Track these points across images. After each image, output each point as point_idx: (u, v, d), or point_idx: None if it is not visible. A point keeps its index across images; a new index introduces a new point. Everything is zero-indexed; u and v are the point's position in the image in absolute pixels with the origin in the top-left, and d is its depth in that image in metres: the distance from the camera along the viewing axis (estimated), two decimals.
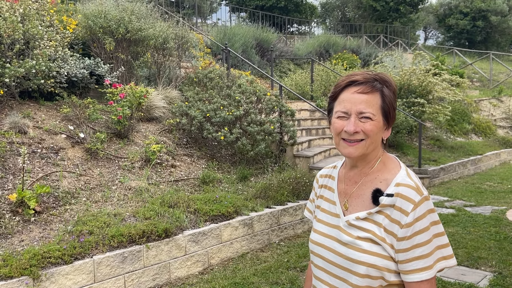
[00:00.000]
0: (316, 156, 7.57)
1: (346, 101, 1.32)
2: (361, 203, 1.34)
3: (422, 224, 1.24)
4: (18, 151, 4.76)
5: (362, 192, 1.35)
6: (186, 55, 9.01)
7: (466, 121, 13.16)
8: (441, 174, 9.22)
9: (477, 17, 28.54)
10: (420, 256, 1.24)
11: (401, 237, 1.25)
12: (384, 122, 1.34)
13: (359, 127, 1.30)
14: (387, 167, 1.36)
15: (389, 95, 1.33)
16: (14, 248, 3.68)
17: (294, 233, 5.66)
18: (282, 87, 8.03)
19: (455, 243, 5.21)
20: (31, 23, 5.70)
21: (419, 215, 1.24)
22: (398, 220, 1.25)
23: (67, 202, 4.48)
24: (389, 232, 1.27)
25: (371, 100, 1.31)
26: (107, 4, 7.12)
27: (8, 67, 5.24)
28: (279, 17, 20.79)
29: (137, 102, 6.08)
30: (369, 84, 1.32)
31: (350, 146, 1.32)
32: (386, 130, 1.36)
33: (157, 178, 5.47)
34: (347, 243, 1.32)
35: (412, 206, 1.24)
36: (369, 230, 1.29)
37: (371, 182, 1.35)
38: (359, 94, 1.31)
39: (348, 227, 1.34)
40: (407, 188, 1.27)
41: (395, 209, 1.26)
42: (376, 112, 1.31)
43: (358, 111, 1.30)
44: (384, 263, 1.27)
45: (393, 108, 1.34)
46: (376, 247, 1.27)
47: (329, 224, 1.41)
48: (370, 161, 1.37)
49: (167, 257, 4.23)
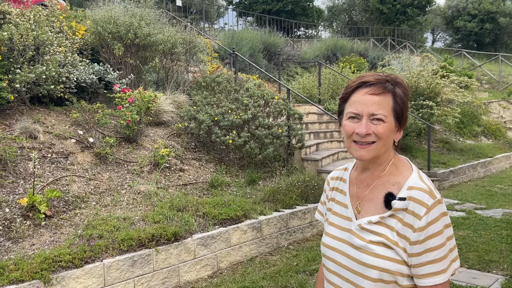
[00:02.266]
0: (324, 159, 7.55)
1: (358, 103, 1.31)
2: (373, 206, 1.33)
3: (435, 228, 1.23)
4: (29, 156, 4.81)
5: (374, 195, 1.34)
6: (194, 60, 9.05)
7: (475, 123, 13.05)
8: (451, 177, 9.15)
9: (485, 19, 28.36)
10: (433, 260, 1.23)
11: (414, 241, 1.23)
12: (396, 124, 1.32)
13: (371, 129, 1.28)
14: (399, 170, 1.34)
15: (401, 96, 1.32)
16: (25, 252, 3.71)
17: (303, 237, 5.64)
18: (289, 91, 8.03)
19: (466, 246, 5.16)
20: (41, 29, 5.77)
21: (432, 218, 1.22)
22: (411, 224, 1.24)
23: (77, 206, 4.51)
24: (402, 236, 1.25)
25: (383, 102, 1.29)
26: (116, 10, 7.18)
27: (19, 73, 5.31)
28: (286, 21, 20.83)
29: (145, 106, 6.11)
30: (381, 85, 1.30)
31: (362, 149, 1.30)
32: (398, 132, 1.34)
33: (166, 182, 5.49)
34: (359, 247, 1.31)
35: (425, 209, 1.22)
36: (382, 234, 1.28)
37: (383, 185, 1.33)
38: (371, 96, 1.30)
39: (360, 231, 1.32)
40: (419, 192, 1.25)
41: (407, 213, 1.25)
42: (388, 114, 1.30)
43: (369, 112, 1.29)
44: (397, 267, 1.25)
45: (405, 109, 1.33)
46: (389, 251, 1.26)
47: (341, 227, 1.40)
48: (382, 163, 1.35)
49: (176, 261, 4.23)
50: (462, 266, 4.59)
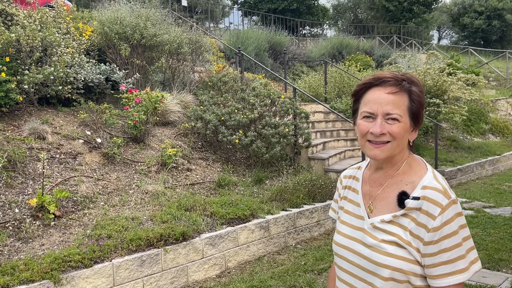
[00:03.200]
0: (331, 158, 7.54)
1: (372, 102, 1.29)
2: (386, 205, 1.32)
3: (450, 228, 1.21)
4: (38, 156, 4.84)
5: (387, 194, 1.33)
6: (200, 60, 9.06)
7: (483, 121, 12.95)
8: (459, 175, 9.09)
9: (492, 16, 28.15)
10: (448, 261, 1.21)
11: (428, 241, 1.22)
12: (411, 124, 1.31)
13: (385, 129, 1.27)
14: (413, 169, 1.33)
15: (417, 95, 1.30)
16: (35, 252, 3.74)
17: (310, 236, 5.63)
18: (296, 90, 8.02)
19: (476, 245, 5.10)
20: (49, 30, 5.81)
21: (447, 219, 1.21)
22: (424, 224, 1.23)
23: (85, 207, 4.53)
24: (415, 236, 1.24)
25: (398, 101, 1.28)
26: (122, 10, 7.21)
27: (27, 74, 5.35)
28: (291, 20, 20.80)
29: (152, 107, 6.13)
30: (397, 84, 1.29)
31: (376, 148, 1.29)
32: (413, 131, 1.33)
33: (173, 182, 5.50)
34: (371, 246, 1.30)
35: (439, 210, 1.21)
36: (395, 234, 1.27)
37: (397, 184, 1.32)
38: (386, 95, 1.28)
39: (373, 230, 1.32)
40: (434, 191, 1.24)
41: (421, 213, 1.24)
42: (403, 114, 1.28)
43: (384, 112, 1.27)
44: (410, 267, 1.24)
45: (421, 109, 1.31)
46: (402, 250, 1.25)
47: (353, 226, 1.39)
48: (396, 163, 1.34)
49: (184, 261, 4.24)
50: None
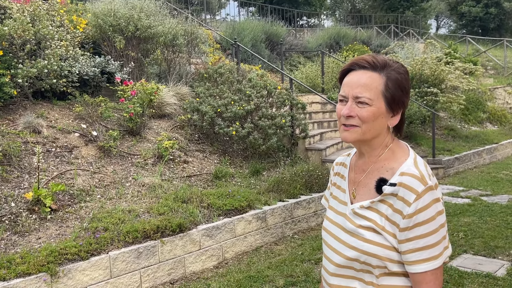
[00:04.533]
0: (328, 148, 7.53)
1: (346, 85, 1.31)
2: (367, 192, 1.33)
3: (426, 215, 1.21)
4: (33, 150, 4.82)
5: (369, 180, 1.33)
6: (196, 51, 9.01)
7: (480, 109, 12.95)
8: (456, 164, 9.10)
9: (489, 4, 28.00)
10: (424, 247, 1.22)
11: (403, 228, 1.22)
12: (388, 109, 1.29)
13: (354, 112, 1.27)
14: (395, 156, 1.33)
15: (395, 80, 1.28)
16: (32, 245, 3.74)
17: (307, 226, 5.65)
18: (292, 80, 7.99)
19: (472, 232, 5.14)
20: (42, 23, 5.76)
21: (422, 205, 1.21)
22: (400, 210, 1.23)
23: (82, 200, 4.53)
24: (392, 221, 1.25)
25: (370, 84, 1.27)
26: (116, 2, 7.15)
27: (20, 68, 5.31)
28: (288, 11, 20.67)
29: (148, 99, 6.11)
30: (372, 68, 1.28)
31: (346, 131, 1.30)
32: (393, 117, 1.31)
33: (170, 174, 5.50)
34: (350, 231, 1.32)
35: (414, 196, 1.21)
36: (371, 219, 1.28)
37: (378, 170, 1.32)
38: (357, 78, 1.28)
39: (353, 216, 1.33)
40: (410, 178, 1.24)
41: (398, 199, 1.24)
42: (375, 97, 1.26)
43: (354, 95, 1.27)
44: (386, 253, 1.25)
45: (399, 94, 1.29)
46: (378, 236, 1.26)
47: (337, 211, 1.41)
48: (376, 148, 1.33)
49: (181, 252, 4.26)
50: (468, 253, 4.58)
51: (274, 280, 4.05)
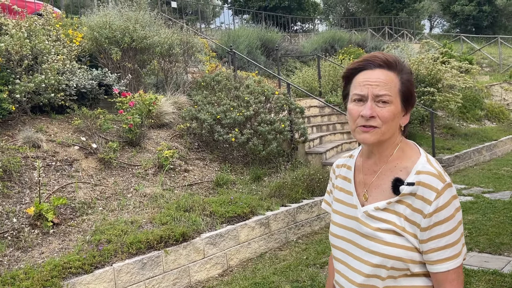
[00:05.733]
0: (328, 152, 7.53)
1: (363, 84, 1.26)
2: (381, 193, 1.29)
3: (447, 213, 1.19)
4: (33, 165, 4.81)
5: (382, 181, 1.30)
6: (192, 60, 9.03)
7: (478, 107, 12.97)
8: (456, 162, 9.10)
9: (482, 2, 28.16)
10: (446, 246, 1.20)
11: (425, 227, 1.20)
12: (403, 107, 1.28)
13: (375, 112, 1.24)
14: (406, 155, 1.30)
15: (408, 77, 1.28)
16: (35, 261, 3.72)
17: (311, 230, 5.63)
18: (289, 85, 8.01)
19: (476, 230, 5.13)
20: (38, 38, 5.78)
21: (443, 203, 1.19)
22: (420, 209, 1.21)
23: (84, 213, 4.51)
24: (412, 222, 1.22)
25: (390, 82, 1.25)
26: (111, 14, 7.18)
27: (18, 83, 5.32)
28: (282, 17, 20.75)
29: (146, 109, 6.11)
30: (388, 66, 1.27)
31: (365, 132, 1.26)
32: (404, 116, 1.30)
33: (171, 184, 5.49)
34: (367, 235, 1.27)
35: (435, 194, 1.19)
36: (390, 221, 1.24)
37: (391, 171, 1.29)
38: (377, 76, 1.25)
39: (367, 218, 1.29)
40: (428, 176, 1.22)
41: (416, 198, 1.21)
42: (395, 95, 1.25)
43: (375, 93, 1.24)
44: (409, 255, 1.22)
45: (412, 92, 1.29)
46: (399, 238, 1.22)
47: (347, 215, 1.36)
48: (387, 148, 1.31)
49: (186, 261, 4.23)
50: (473, 250, 4.56)
51: (280, 286, 4.03)
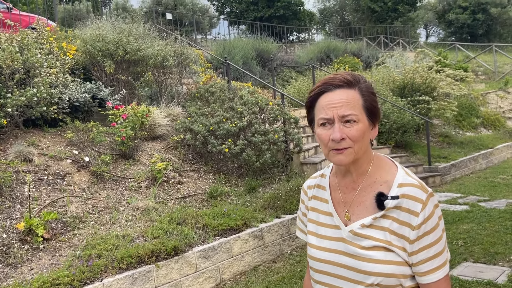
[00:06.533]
0: (323, 162, 7.50)
1: (326, 107, 1.24)
2: (365, 209, 1.27)
3: (432, 222, 1.20)
4: (24, 179, 4.78)
5: (363, 198, 1.28)
6: (187, 71, 9.05)
7: (474, 115, 12.99)
8: (452, 170, 9.09)
9: (476, 10, 28.41)
10: (434, 255, 1.20)
11: (414, 239, 1.19)
12: (369, 122, 1.27)
13: (344, 133, 1.22)
14: (383, 168, 1.29)
15: (368, 91, 1.27)
16: (24, 277, 3.67)
17: (305, 242, 5.58)
18: (284, 96, 8.01)
19: (471, 240, 5.09)
20: (30, 52, 5.78)
21: (429, 213, 1.20)
22: (407, 222, 1.20)
23: (75, 227, 4.47)
24: (400, 235, 1.20)
25: (352, 101, 1.24)
26: (104, 27, 7.20)
27: (9, 97, 5.31)
28: (278, 27, 20.88)
29: (139, 121, 6.09)
30: (347, 85, 1.25)
31: (340, 154, 1.24)
32: (373, 129, 1.29)
33: (165, 196, 5.45)
34: (356, 255, 1.24)
35: (420, 205, 1.19)
36: (377, 238, 1.22)
37: (371, 186, 1.28)
38: (339, 97, 1.24)
39: (353, 238, 1.25)
40: (412, 188, 1.22)
41: (402, 211, 1.21)
42: (360, 112, 1.24)
43: (340, 115, 1.22)
44: (401, 270, 1.21)
45: (375, 104, 1.28)
46: (390, 254, 1.21)
47: (331, 237, 1.32)
48: (363, 164, 1.29)
49: (177, 275, 4.19)
50: (468, 260, 4.52)
51: None
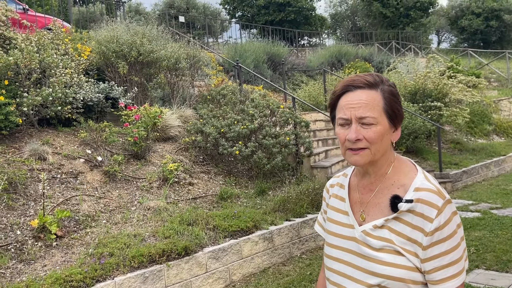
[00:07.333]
0: (333, 166, 7.50)
1: (345, 107, 1.25)
2: (379, 211, 1.26)
3: (449, 230, 1.17)
4: (39, 177, 4.85)
5: (379, 200, 1.27)
6: (199, 74, 9.11)
7: (486, 122, 12.88)
8: (464, 177, 9.01)
9: (490, 17, 28.20)
10: (450, 263, 1.17)
11: (427, 245, 1.17)
12: (390, 124, 1.25)
13: (361, 134, 1.22)
14: (402, 171, 1.28)
15: (390, 93, 1.26)
16: (37, 273, 3.72)
17: (315, 245, 5.58)
18: (295, 99, 8.03)
19: (483, 247, 5.05)
20: (46, 52, 5.87)
21: (445, 220, 1.17)
22: (420, 227, 1.18)
23: (87, 225, 4.52)
24: (413, 240, 1.19)
25: (372, 103, 1.23)
26: (118, 29, 7.28)
27: (26, 96, 5.39)
28: (289, 31, 20.92)
29: (152, 122, 6.15)
30: (367, 86, 1.25)
31: (355, 154, 1.24)
32: (394, 132, 1.28)
33: (175, 197, 5.49)
34: (367, 256, 1.24)
35: (436, 211, 1.16)
36: (387, 239, 1.21)
37: (388, 189, 1.27)
38: (358, 98, 1.24)
39: (365, 238, 1.25)
40: (428, 193, 1.19)
41: (415, 215, 1.19)
42: (379, 115, 1.23)
43: (357, 116, 1.22)
44: (411, 275, 1.18)
45: (398, 107, 1.27)
46: (400, 258, 1.19)
47: (344, 236, 1.32)
48: (382, 166, 1.29)
49: (188, 275, 4.21)
50: (480, 268, 4.48)
51: None
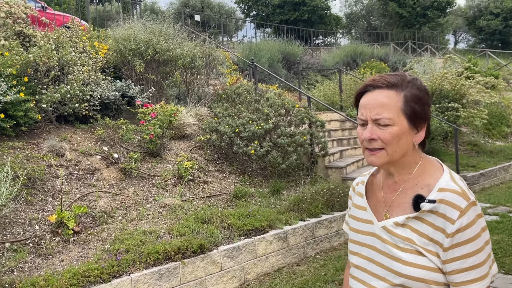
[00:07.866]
0: (348, 166, 7.45)
1: (363, 108, 1.25)
2: (403, 211, 1.25)
3: (472, 232, 1.15)
4: (57, 173, 4.91)
5: (403, 200, 1.26)
6: (214, 73, 9.13)
7: (504, 124, 12.66)
8: (481, 180, 8.87)
9: (508, 17, 27.73)
10: (471, 267, 1.15)
11: (448, 247, 1.15)
12: (410, 125, 1.23)
13: (375, 134, 1.21)
14: (428, 172, 1.26)
15: (414, 95, 1.23)
16: (55, 268, 3.76)
17: (330, 246, 5.54)
18: (310, 99, 7.99)
19: (502, 251, 4.96)
20: (65, 50, 5.94)
21: (467, 222, 1.15)
22: (442, 227, 1.16)
23: (104, 222, 4.56)
24: (434, 241, 1.17)
25: (388, 103, 1.21)
26: (135, 27, 7.34)
27: (45, 93, 5.46)
28: (304, 30, 20.84)
29: (167, 120, 6.18)
30: (387, 86, 1.23)
31: (372, 155, 1.24)
32: (417, 133, 1.25)
33: (190, 195, 5.51)
34: (387, 253, 1.23)
35: (458, 213, 1.15)
36: (409, 239, 1.20)
37: (412, 189, 1.25)
38: (374, 99, 1.23)
39: (385, 234, 1.25)
40: (451, 194, 1.17)
41: (438, 216, 1.17)
42: (396, 116, 1.21)
43: (372, 117, 1.22)
44: (433, 276, 1.17)
45: (421, 107, 1.23)
46: (422, 259, 1.18)
47: (363, 232, 1.33)
48: (405, 167, 1.27)
49: (203, 273, 4.22)
50: (499, 272, 4.40)
51: None
